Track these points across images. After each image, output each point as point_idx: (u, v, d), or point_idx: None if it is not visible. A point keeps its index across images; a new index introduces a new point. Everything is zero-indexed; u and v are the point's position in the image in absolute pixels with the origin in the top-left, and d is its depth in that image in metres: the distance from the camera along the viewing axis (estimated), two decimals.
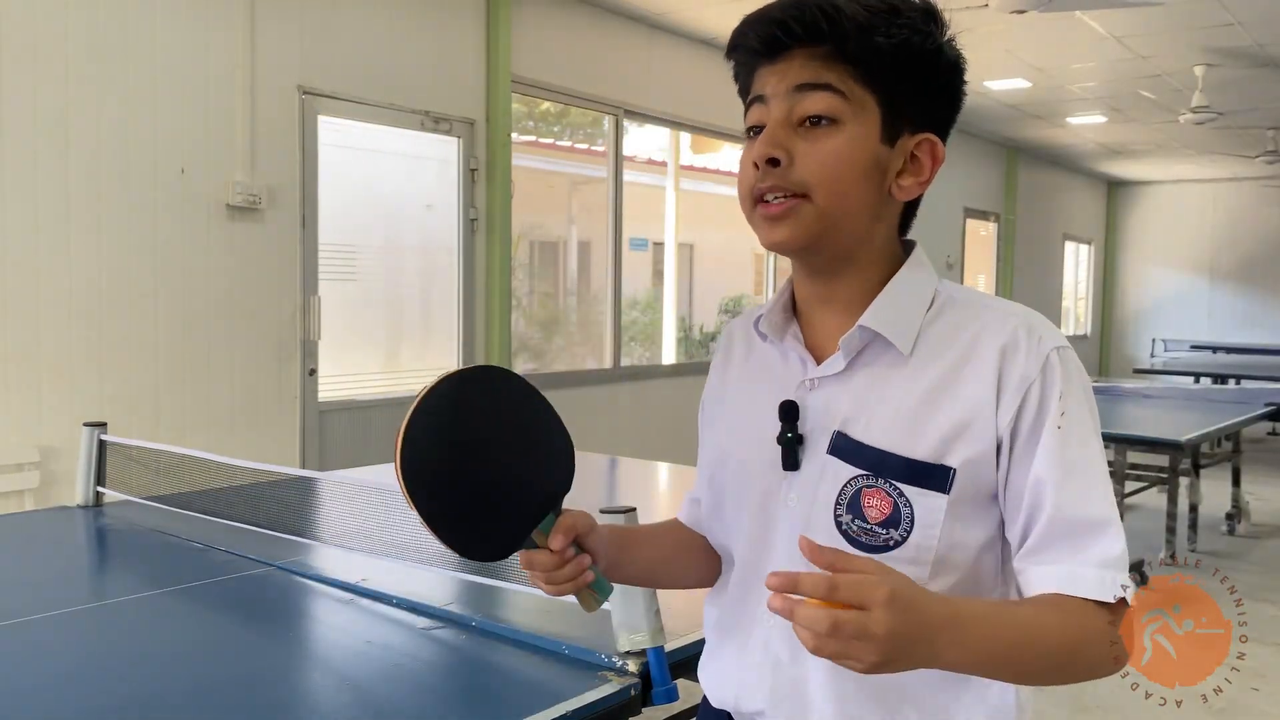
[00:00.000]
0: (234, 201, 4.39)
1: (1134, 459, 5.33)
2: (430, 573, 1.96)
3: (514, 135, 5.75)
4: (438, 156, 5.48)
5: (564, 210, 7.32)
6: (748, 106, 1.04)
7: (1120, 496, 4.84)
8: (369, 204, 5.17)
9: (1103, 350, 15.36)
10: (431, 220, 5.51)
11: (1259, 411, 5.91)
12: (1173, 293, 14.84)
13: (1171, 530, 5.08)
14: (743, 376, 1.15)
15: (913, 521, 0.97)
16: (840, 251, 1.02)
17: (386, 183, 5.31)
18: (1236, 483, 6.14)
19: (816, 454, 1.02)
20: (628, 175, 6.80)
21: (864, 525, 0.98)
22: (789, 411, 1.03)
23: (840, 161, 0.97)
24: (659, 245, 7.65)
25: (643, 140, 7.44)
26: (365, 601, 1.90)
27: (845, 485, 0.99)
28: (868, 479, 0.98)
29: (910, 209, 1.08)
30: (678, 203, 7.76)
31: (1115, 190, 15.30)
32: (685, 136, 7.70)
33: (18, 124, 3.77)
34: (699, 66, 7.03)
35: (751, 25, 1.01)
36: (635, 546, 1.17)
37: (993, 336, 0.98)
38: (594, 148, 6.81)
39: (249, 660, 1.66)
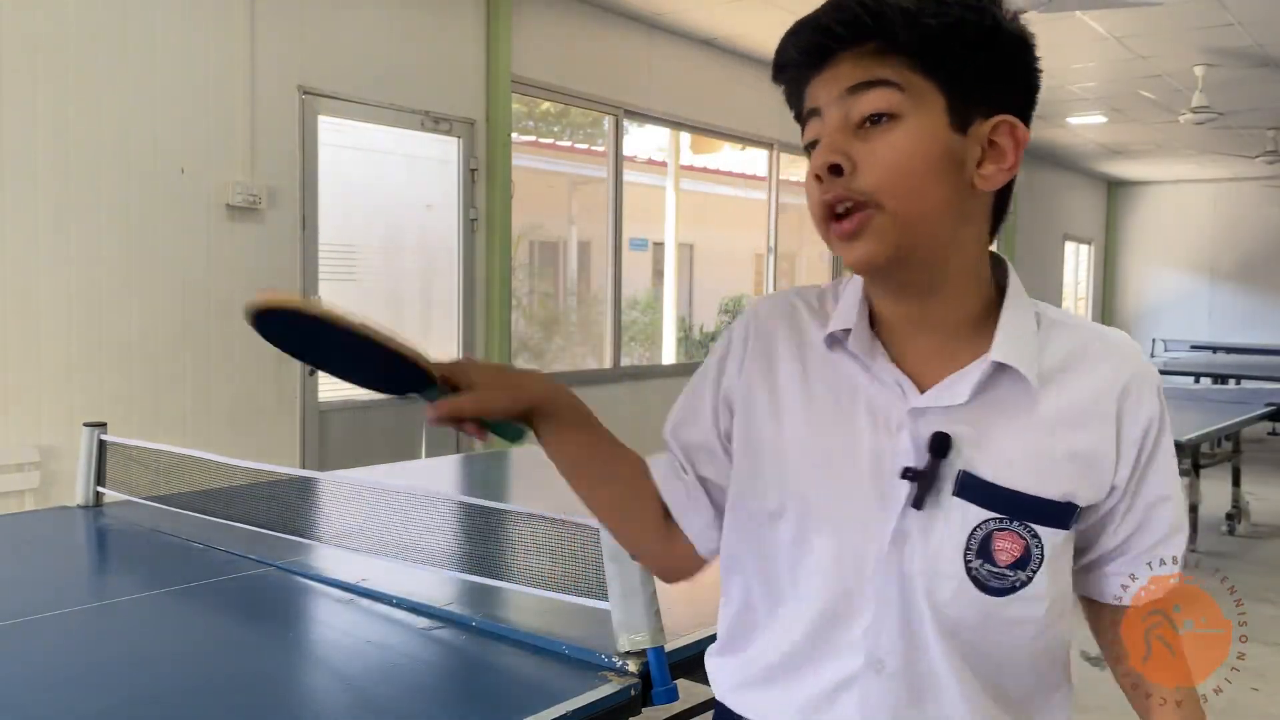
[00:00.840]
0: (234, 201, 4.39)
1: None
2: (430, 573, 1.96)
3: (514, 135, 5.75)
4: (438, 156, 5.48)
5: (564, 210, 7.33)
6: (804, 124, 0.96)
7: None
8: (369, 204, 5.17)
9: None
10: (431, 220, 5.50)
11: (1259, 411, 5.91)
12: (1173, 293, 14.84)
13: None
14: (814, 388, 1.01)
15: (1041, 560, 0.94)
16: (930, 261, 0.94)
17: (386, 183, 5.32)
18: (1236, 483, 6.14)
19: (939, 495, 0.94)
20: (628, 175, 6.80)
21: (993, 569, 0.94)
22: (942, 444, 0.93)
23: (905, 157, 0.89)
24: (659, 245, 7.65)
25: (643, 140, 7.44)
26: (365, 601, 1.90)
27: (975, 529, 0.94)
28: (1000, 522, 0.93)
29: (998, 212, 0.99)
30: (678, 203, 7.76)
31: (1115, 190, 15.30)
32: (685, 136, 7.71)
33: (18, 124, 3.77)
34: (699, 66, 7.02)
35: (791, 39, 0.94)
36: (596, 462, 1.19)
37: (1112, 373, 0.97)
38: (594, 148, 6.81)
39: (249, 660, 1.66)
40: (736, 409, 1.06)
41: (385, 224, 5.30)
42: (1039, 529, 0.93)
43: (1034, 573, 0.94)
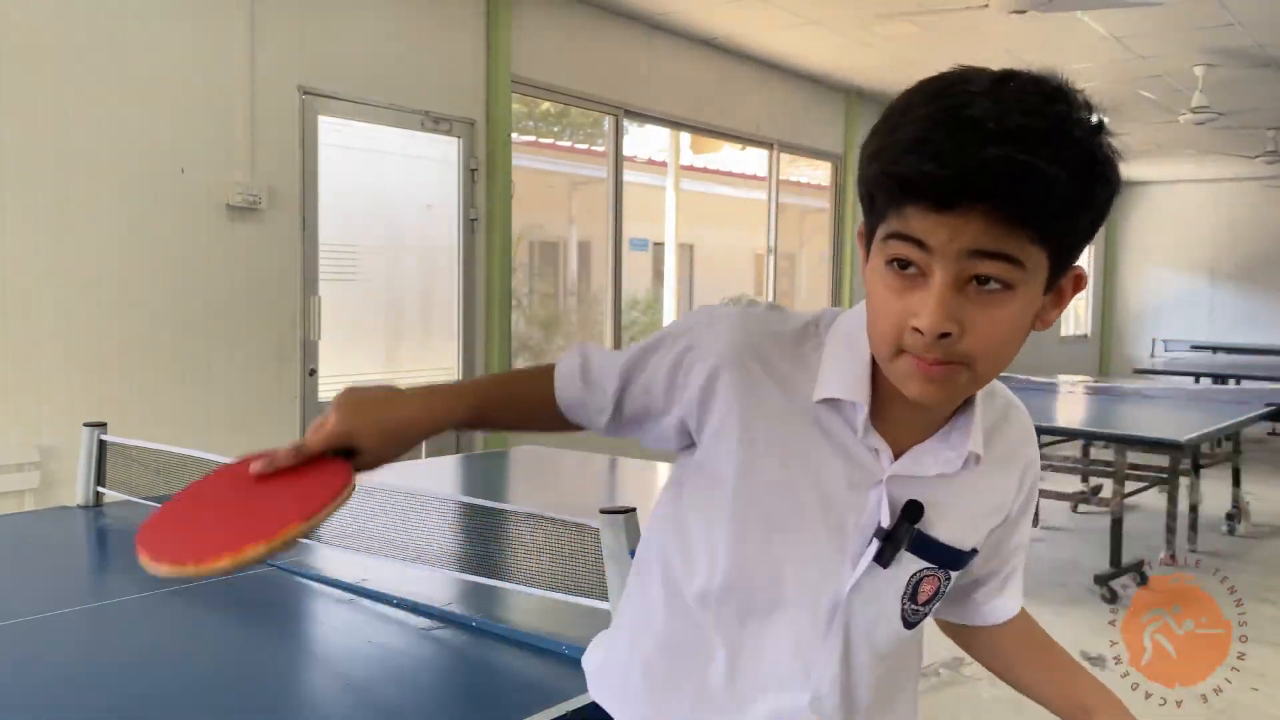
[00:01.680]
0: (234, 201, 4.39)
1: (1134, 459, 5.33)
2: (430, 573, 1.96)
3: (514, 135, 5.75)
4: (438, 156, 5.48)
5: (564, 210, 7.33)
6: (891, 234, 0.88)
7: (1120, 496, 4.84)
8: (369, 204, 5.18)
9: (1103, 350, 15.36)
10: (431, 220, 5.51)
11: (1259, 411, 5.90)
12: (1173, 293, 14.83)
13: (1171, 530, 5.07)
14: (794, 435, 1.00)
15: (943, 595, 1.07)
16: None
17: (386, 183, 5.32)
18: (1236, 483, 6.14)
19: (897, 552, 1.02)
20: (628, 175, 6.80)
21: (914, 607, 1.04)
22: (915, 512, 0.99)
23: (1010, 331, 0.89)
24: (659, 245, 7.65)
25: (643, 140, 7.44)
26: (365, 601, 1.90)
27: (913, 576, 1.03)
28: (930, 570, 1.03)
29: None
30: (678, 203, 7.76)
31: None
32: (685, 136, 7.71)
33: (18, 124, 3.77)
34: (699, 66, 7.02)
35: (925, 172, 0.83)
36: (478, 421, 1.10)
37: (1022, 446, 1.09)
38: (594, 148, 6.81)
39: (249, 660, 1.66)
40: (705, 435, 1.03)
41: (385, 224, 5.30)
42: (952, 573, 1.05)
43: (935, 605, 1.06)
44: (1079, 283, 0.95)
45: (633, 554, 1.49)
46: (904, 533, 0.99)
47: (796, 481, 1.00)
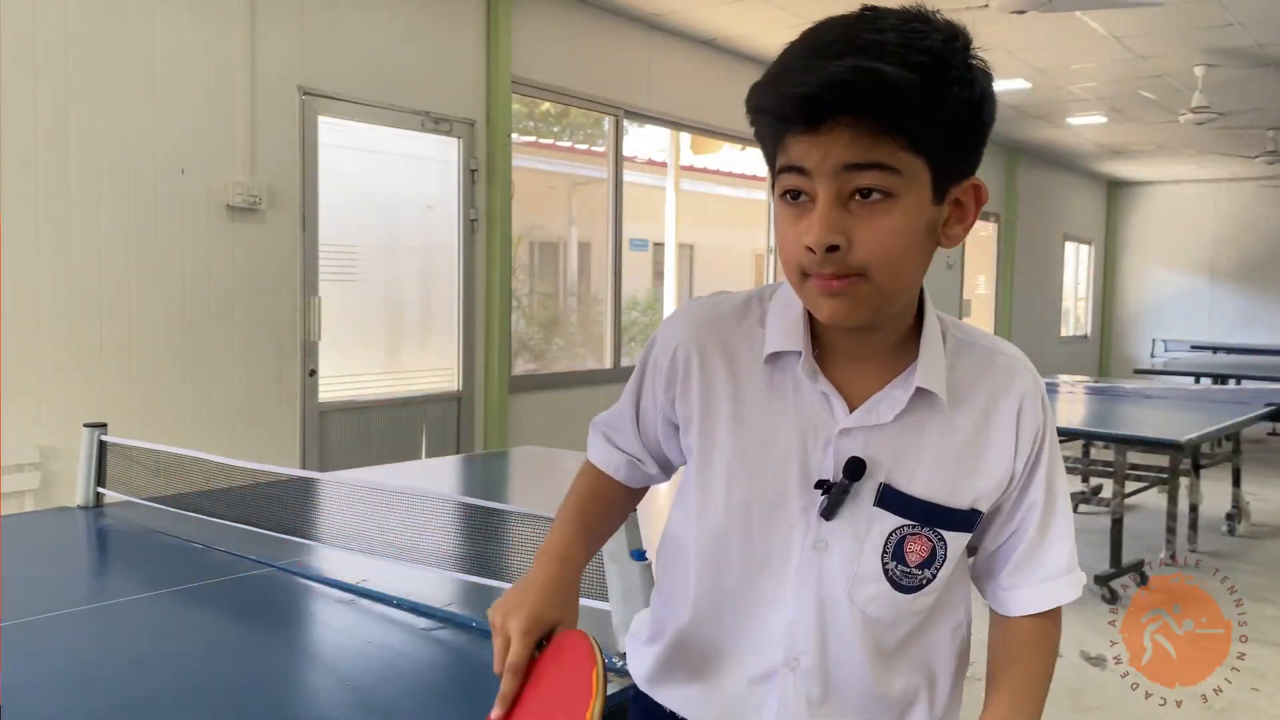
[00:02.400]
0: (234, 201, 4.39)
1: (1134, 459, 5.33)
2: (430, 573, 1.96)
3: (514, 135, 5.75)
4: (438, 157, 5.48)
5: (564, 210, 7.33)
6: (779, 170, 0.95)
7: (1120, 496, 4.85)
8: (369, 204, 5.17)
9: (1103, 350, 15.36)
10: (431, 220, 5.51)
11: (1259, 411, 5.90)
12: (1173, 293, 14.84)
13: (1171, 530, 5.07)
14: (749, 403, 1.06)
15: (945, 560, 1.04)
16: (891, 311, 1.01)
17: (386, 183, 5.32)
18: (1236, 483, 6.14)
19: (859, 504, 1.02)
20: (628, 175, 6.80)
21: (905, 569, 1.03)
22: (857, 468, 1.01)
23: (898, 239, 0.92)
24: (659, 245, 7.65)
25: (643, 140, 7.44)
26: (366, 602, 1.90)
27: (891, 534, 1.02)
28: (913, 528, 1.02)
29: None
30: (678, 203, 7.76)
31: (1115, 190, 15.30)
32: (685, 136, 7.71)
33: (18, 124, 3.77)
34: (699, 66, 7.03)
35: (784, 95, 0.90)
36: (589, 553, 1.21)
37: (1010, 389, 1.06)
38: (594, 148, 6.81)
39: (249, 661, 1.66)
40: (680, 425, 1.12)
41: (385, 224, 5.30)
42: (945, 533, 1.03)
43: (938, 570, 1.04)
44: (979, 194, 0.98)
45: (633, 554, 1.49)
46: (846, 488, 1.00)
47: (754, 447, 1.05)
